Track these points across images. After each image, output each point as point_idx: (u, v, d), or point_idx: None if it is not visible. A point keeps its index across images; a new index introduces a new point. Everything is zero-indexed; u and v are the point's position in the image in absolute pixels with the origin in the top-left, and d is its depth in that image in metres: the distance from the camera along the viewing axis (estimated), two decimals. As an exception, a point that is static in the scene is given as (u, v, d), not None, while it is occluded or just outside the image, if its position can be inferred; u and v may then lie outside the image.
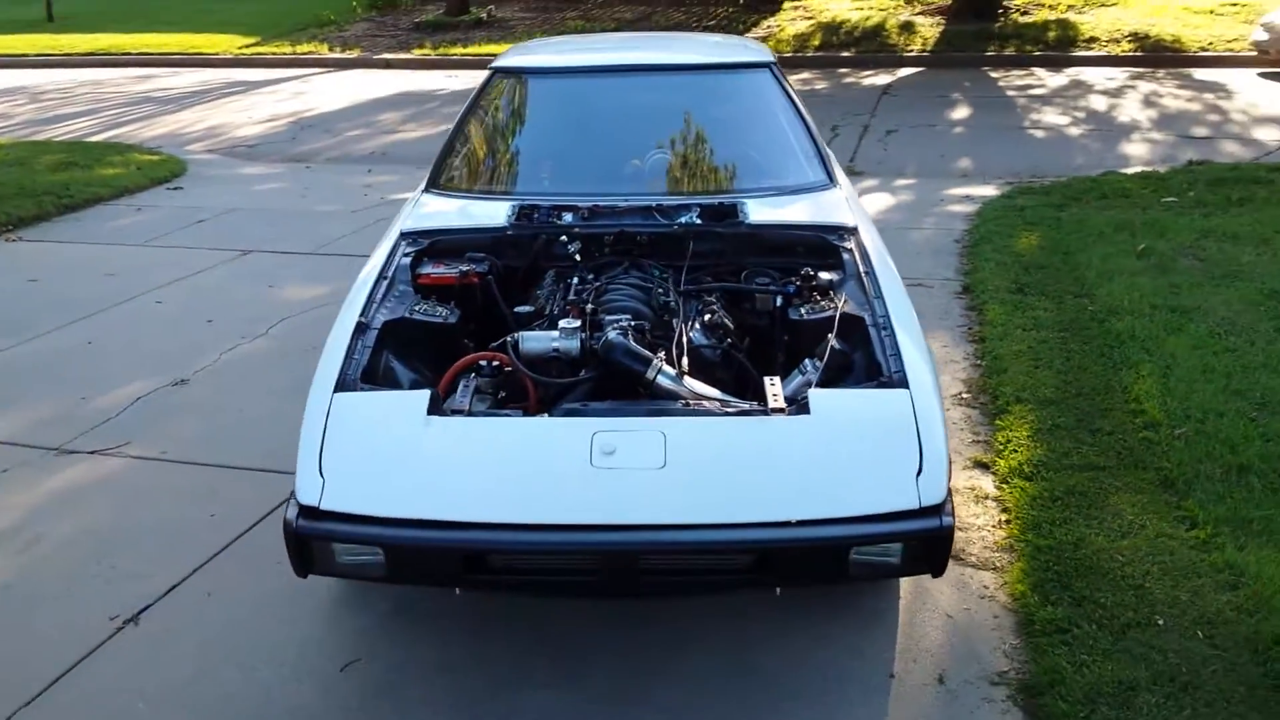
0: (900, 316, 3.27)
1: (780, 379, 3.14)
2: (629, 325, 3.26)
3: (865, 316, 3.30)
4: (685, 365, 3.21)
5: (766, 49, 5.14)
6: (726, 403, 3.02)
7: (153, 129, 12.11)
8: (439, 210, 4.19)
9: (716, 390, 3.14)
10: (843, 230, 3.84)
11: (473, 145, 4.61)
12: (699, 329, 3.46)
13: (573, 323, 3.28)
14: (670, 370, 3.10)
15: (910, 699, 2.91)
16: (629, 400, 3.06)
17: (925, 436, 2.78)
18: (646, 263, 3.81)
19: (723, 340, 3.44)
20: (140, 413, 4.77)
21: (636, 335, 3.22)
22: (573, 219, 3.95)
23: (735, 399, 3.10)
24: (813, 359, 3.23)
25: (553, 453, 2.81)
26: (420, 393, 2.97)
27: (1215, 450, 3.90)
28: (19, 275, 6.81)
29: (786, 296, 3.59)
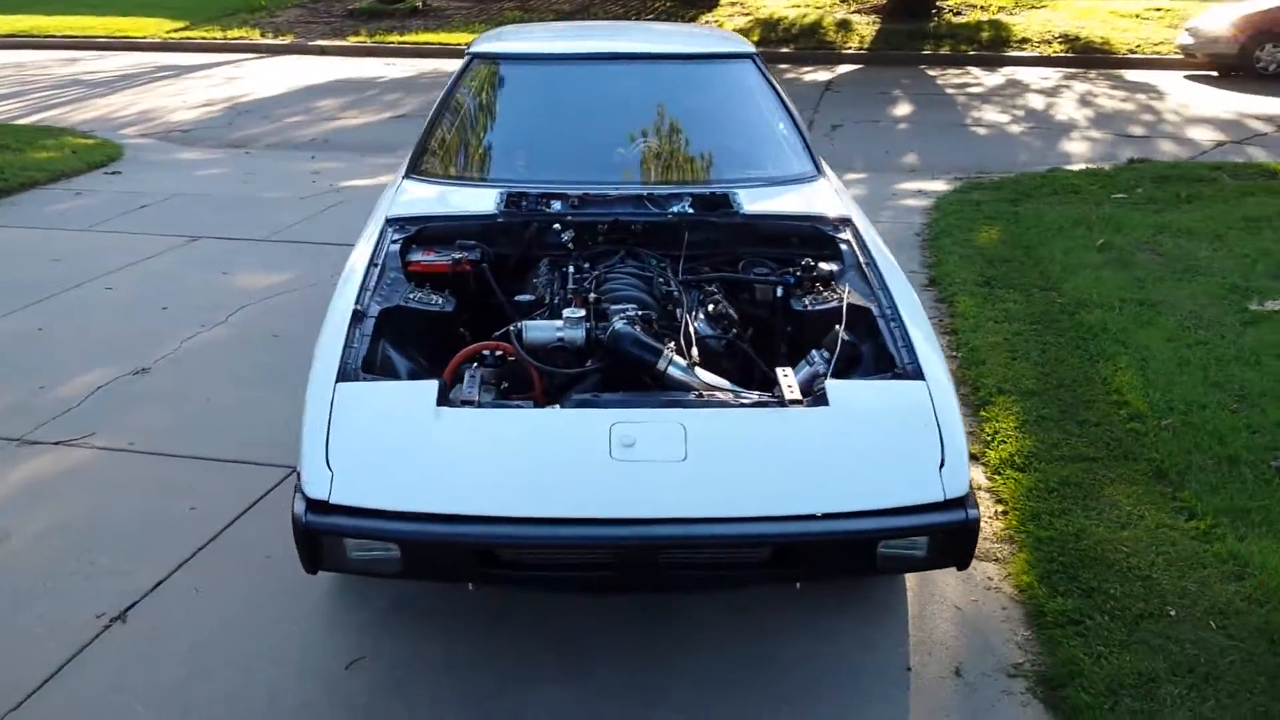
0: (908, 308, 3.26)
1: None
2: (636, 315, 3.20)
3: (872, 308, 3.27)
4: (695, 355, 3.16)
5: (747, 40, 5.10)
6: (739, 394, 2.98)
7: (83, 112, 11.71)
8: (423, 197, 4.08)
9: (726, 381, 3.09)
10: (838, 221, 3.83)
11: (454, 131, 4.49)
12: (702, 319, 3.41)
13: (577, 312, 3.20)
14: (681, 361, 3.05)
15: (929, 692, 2.90)
16: (638, 391, 3.01)
17: (945, 428, 2.77)
18: (643, 252, 3.75)
19: (727, 330, 3.40)
20: (102, 402, 4.59)
21: (643, 325, 3.17)
22: (562, 207, 3.87)
23: (746, 390, 3.05)
24: (819, 350, 3.20)
25: (571, 445, 2.74)
26: (428, 383, 2.88)
27: (1203, 441, 3.96)
28: (-44, 261, 6.51)
29: (787, 287, 3.56)
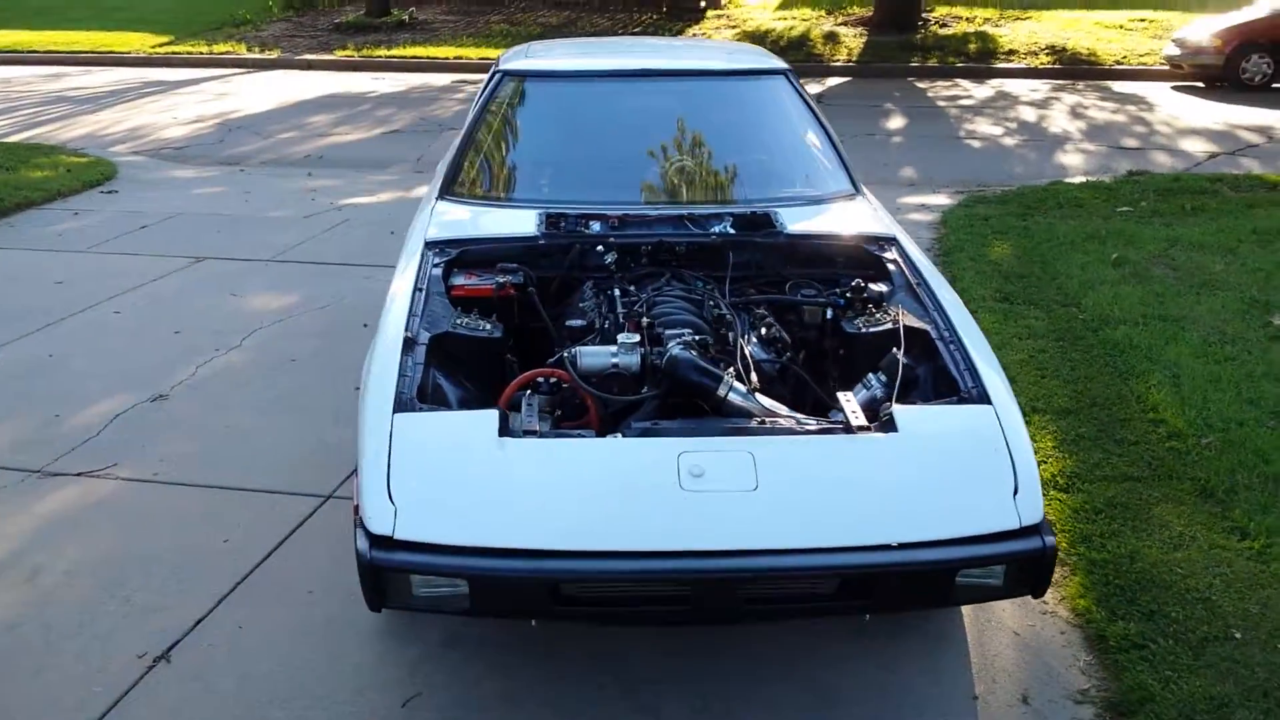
0: (966, 330, 3.23)
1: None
2: (692, 339, 3.14)
3: (929, 329, 3.24)
4: (755, 381, 3.11)
5: (777, 57, 5.06)
6: (801, 420, 2.93)
7: (72, 129, 11.56)
8: (459, 219, 4.01)
9: (784, 407, 3.04)
10: (883, 240, 3.79)
11: (488, 151, 4.42)
12: (755, 343, 3.36)
13: (632, 337, 3.15)
14: (741, 387, 3.00)
15: (999, 721, 2.85)
16: (697, 418, 2.95)
17: (1016, 453, 2.73)
18: (689, 274, 3.69)
19: (781, 354, 3.35)
20: (122, 431, 4.49)
21: (700, 350, 3.11)
22: (602, 228, 3.82)
23: (806, 416, 3.01)
24: (876, 373, 3.16)
25: (639, 475, 2.67)
26: (488, 412, 2.82)
27: (1247, 460, 3.94)
28: (-44, 284, 6.39)
29: (838, 309, 3.51)
